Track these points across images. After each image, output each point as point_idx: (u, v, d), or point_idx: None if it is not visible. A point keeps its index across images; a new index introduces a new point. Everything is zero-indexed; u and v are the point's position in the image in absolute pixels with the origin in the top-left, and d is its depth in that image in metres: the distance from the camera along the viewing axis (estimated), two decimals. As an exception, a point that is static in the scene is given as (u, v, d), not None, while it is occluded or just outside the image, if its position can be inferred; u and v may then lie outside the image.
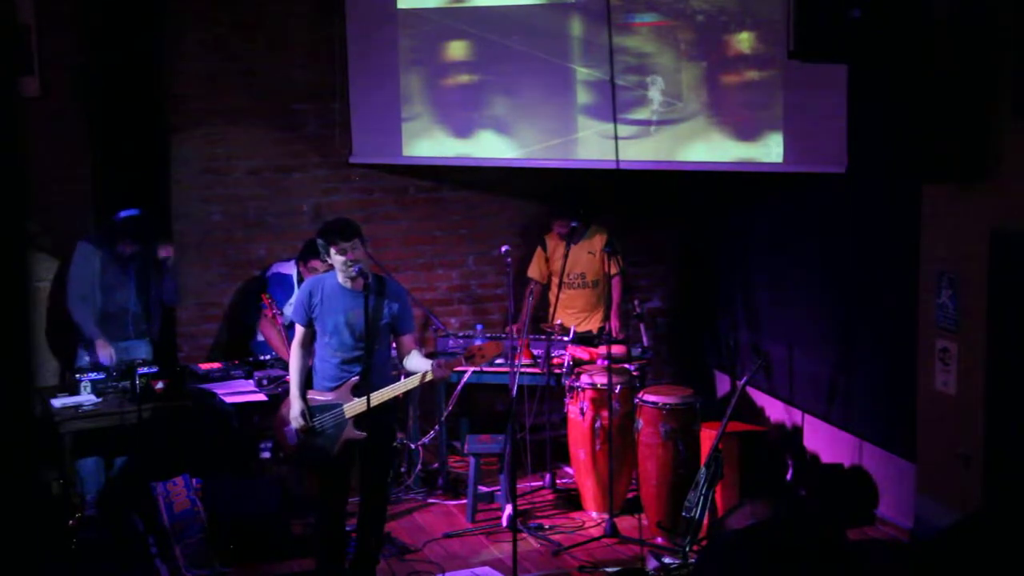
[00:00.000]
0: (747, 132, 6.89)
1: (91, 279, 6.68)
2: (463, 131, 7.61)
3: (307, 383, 5.54)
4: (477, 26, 7.47)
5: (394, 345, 5.64)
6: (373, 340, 5.36)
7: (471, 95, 7.56)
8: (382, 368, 5.48)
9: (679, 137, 7.09)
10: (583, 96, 7.30)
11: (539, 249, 7.60)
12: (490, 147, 7.57)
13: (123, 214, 6.64)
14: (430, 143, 7.67)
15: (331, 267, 5.48)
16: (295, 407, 5.43)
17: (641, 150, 7.13)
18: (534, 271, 7.60)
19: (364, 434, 5.37)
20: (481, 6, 7.46)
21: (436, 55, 7.58)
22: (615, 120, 5.67)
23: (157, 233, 6.85)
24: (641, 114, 7.14)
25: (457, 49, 7.55)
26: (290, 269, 7.04)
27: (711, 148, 7.01)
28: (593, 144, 7.29)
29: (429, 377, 5.40)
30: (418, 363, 5.45)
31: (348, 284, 5.37)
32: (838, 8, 5.18)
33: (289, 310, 6.69)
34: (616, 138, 5.69)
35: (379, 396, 5.34)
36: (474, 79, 7.55)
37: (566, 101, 7.35)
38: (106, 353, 6.63)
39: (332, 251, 5.31)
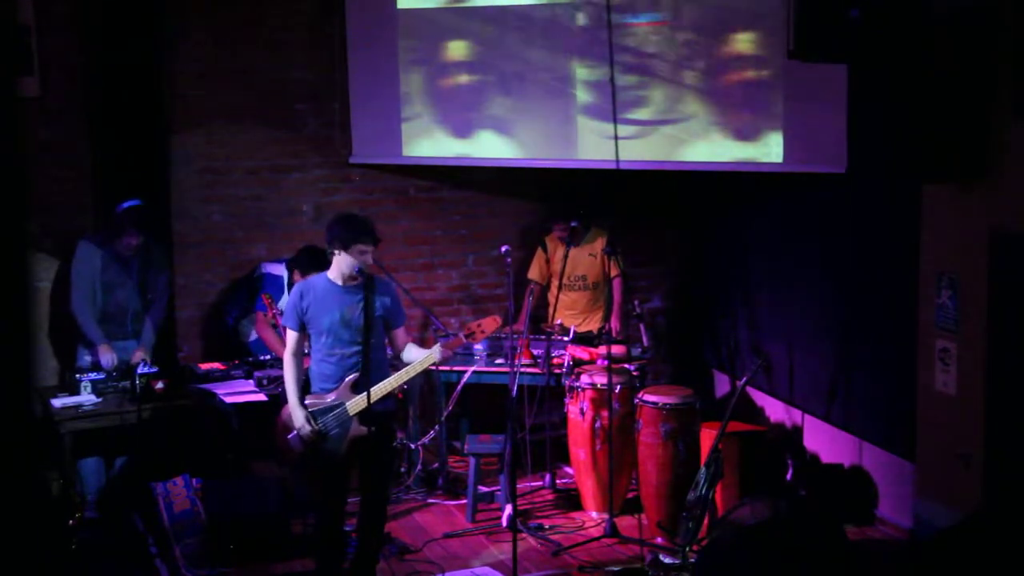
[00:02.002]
0: (747, 132, 6.89)
1: (92, 278, 6.68)
2: (463, 131, 7.61)
3: (304, 388, 5.52)
4: (477, 26, 7.47)
5: (387, 341, 5.63)
6: (369, 334, 5.35)
7: (471, 95, 7.56)
8: (379, 362, 5.48)
9: (679, 137, 7.09)
10: (583, 96, 7.30)
11: (539, 250, 7.60)
12: (490, 147, 7.57)
13: (124, 205, 6.65)
14: (430, 143, 7.67)
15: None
16: (298, 416, 5.40)
17: (641, 150, 7.13)
18: (534, 272, 7.60)
19: (372, 428, 5.35)
20: (481, 6, 7.46)
21: (436, 55, 7.58)
22: (615, 120, 5.67)
23: (158, 226, 6.87)
24: (641, 114, 7.14)
25: (457, 49, 7.55)
26: (280, 270, 7.03)
27: (711, 148, 7.01)
28: (593, 144, 7.29)
29: (435, 359, 5.39)
30: (417, 352, 5.47)
31: (339, 280, 5.36)
32: (838, 8, 5.18)
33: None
34: (616, 138, 5.68)
35: (380, 389, 5.34)
36: (474, 79, 7.55)
37: (566, 101, 7.35)
38: (108, 358, 6.63)
39: (355, 248, 5.28)
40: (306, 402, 5.44)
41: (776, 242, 7.42)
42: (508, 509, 6.19)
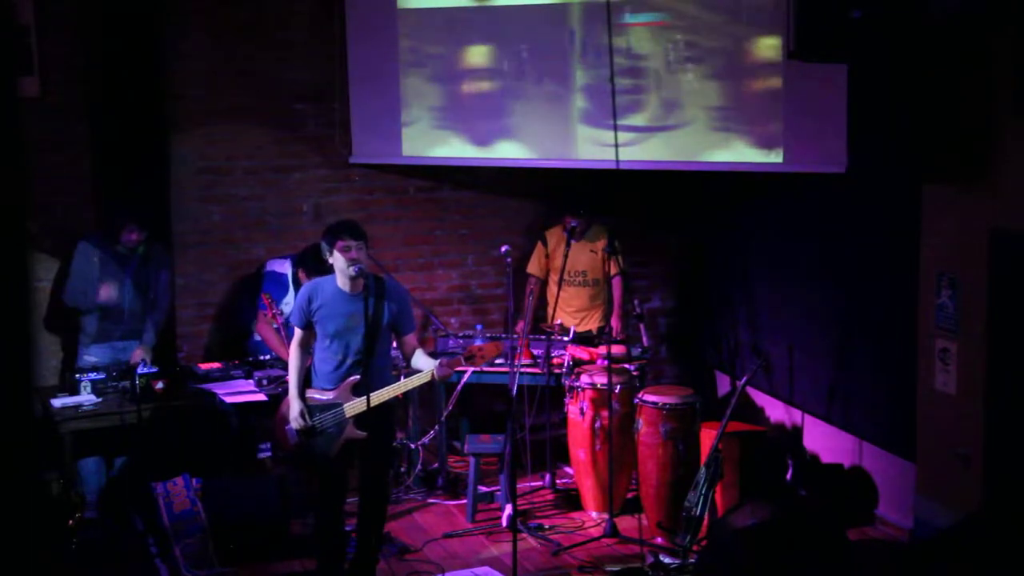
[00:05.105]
0: (747, 132, 6.88)
1: (89, 276, 6.69)
2: (463, 131, 7.60)
3: (306, 382, 5.55)
4: (478, 26, 7.47)
5: (395, 345, 5.65)
6: (374, 341, 5.36)
7: (471, 95, 7.56)
8: (382, 368, 5.48)
9: (679, 138, 7.08)
10: (584, 97, 7.30)
11: (539, 244, 7.59)
12: (490, 147, 7.57)
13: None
14: (430, 143, 7.66)
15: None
16: (294, 407, 5.44)
17: (641, 151, 7.13)
18: (534, 267, 7.59)
19: (365, 434, 5.37)
20: (481, 6, 7.46)
21: (436, 55, 7.58)
22: (615, 119, 5.67)
23: (157, 224, 6.88)
24: (642, 116, 7.13)
25: (458, 49, 7.54)
26: (285, 268, 7.02)
27: (711, 149, 7.00)
28: (593, 145, 7.29)
29: (432, 377, 5.41)
30: (423, 362, 5.47)
31: (347, 287, 5.36)
32: (838, 8, 5.19)
33: (287, 309, 6.70)
34: (616, 138, 5.68)
35: (379, 396, 5.34)
36: (474, 79, 7.55)
37: (567, 102, 7.35)
38: (108, 293, 6.62)
39: (337, 246, 5.30)
40: (308, 395, 5.47)
41: (776, 242, 7.42)
42: (508, 509, 6.19)
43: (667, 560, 5.87)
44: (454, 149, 7.62)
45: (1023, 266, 5.29)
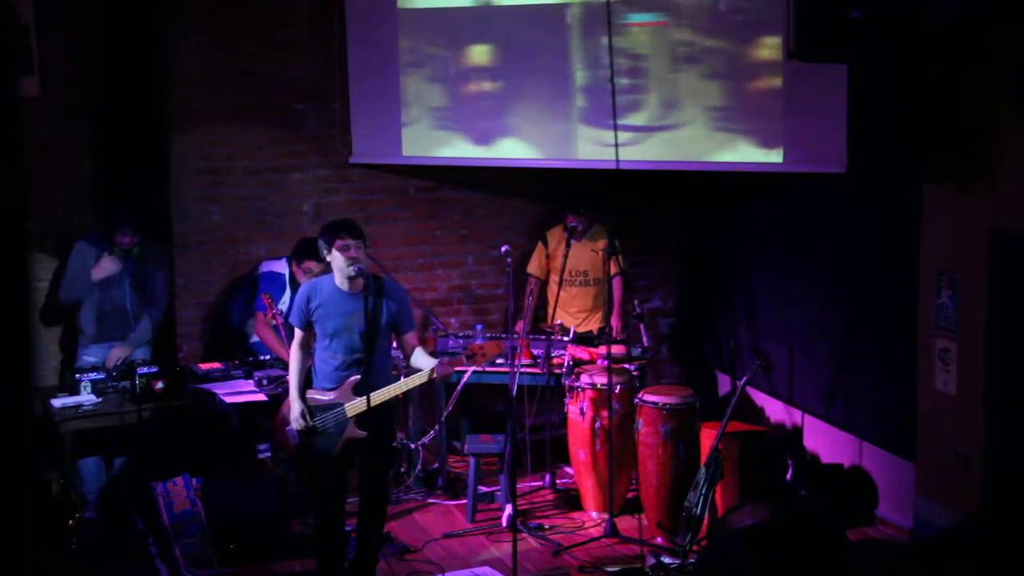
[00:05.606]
0: (746, 133, 6.88)
1: (86, 275, 6.69)
2: (463, 131, 7.60)
3: (307, 382, 5.55)
4: (477, 26, 7.47)
5: (396, 344, 5.65)
6: (373, 341, 5.35)
7: (471, 95, 7.56)
8: (382, 368, 5.48)
9: (679, 138, 7.08)
10: (584, 97, 7.30)
11: (540, 244, 7.59)
12: (490, 147, 7.57)
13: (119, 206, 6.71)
14: (430, 143, 7.66)
15: (326, 268, 5.48)
16: (295, 408, 5.44)
17: (641, 151, 7.13)
18: (534, 266, 7.59)
19: (366, 433, 5.37)
20: (481, 6, 7.46)
21: (436, 55, 7.58)
22: (615, 119, 5.67)
23: (153, 225, 6.88)
24: (642, 115, 7.13)
25: (458, 49, 7.54)
26: (282, 267, 7.03)
27: (711, 149, 7.00)
28: (593, 145, 7.29)
29: (432, 376, 5.41)
30: (423, 361, 5.46)
31: (346, 286, 5.36)
32: (838, 8, 5.19)
33: (285, 308, 6.70)
34: (616, 138, 5.68)
35: (380, 395, 5.34)
36: (474, 79, 7.55)
37: (567, 102, 7.35)
38: (106, 268, 6.63)
39: (336, 245, 5.30)
40: (308, 396, 5.47)
41: (776, 242, 7.42)
42: (508, 509, 6.19)
43: (667, 560, 5.87)
44: (454, 149, 7.62)
45: (1023, 266, 5.29)
